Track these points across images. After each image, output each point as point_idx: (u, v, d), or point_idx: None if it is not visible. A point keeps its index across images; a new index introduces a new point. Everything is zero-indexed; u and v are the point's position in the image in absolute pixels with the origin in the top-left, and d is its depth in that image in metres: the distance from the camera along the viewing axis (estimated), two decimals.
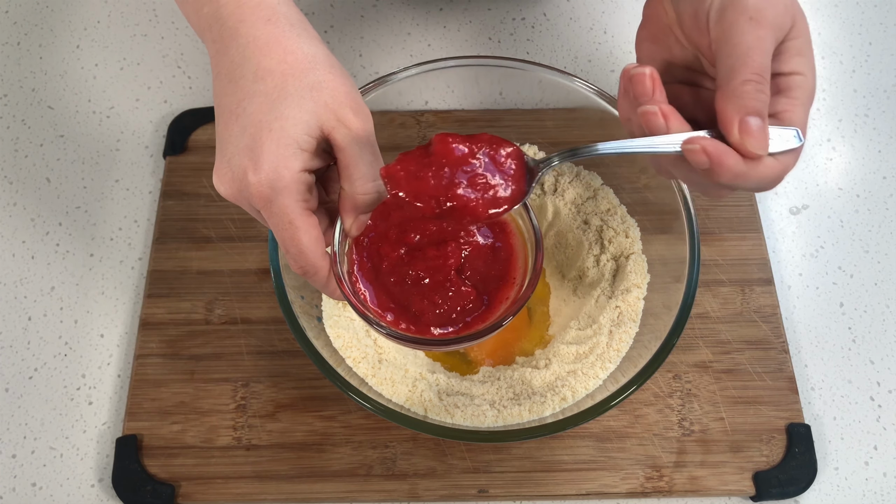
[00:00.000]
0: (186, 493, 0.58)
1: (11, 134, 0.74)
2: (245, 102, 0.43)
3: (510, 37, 0.79)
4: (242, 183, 0.43)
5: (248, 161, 0.42)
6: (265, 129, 0.42)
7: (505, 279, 0.49)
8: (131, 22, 0.80)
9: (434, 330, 0.47)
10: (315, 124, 0.43)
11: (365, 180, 0.44)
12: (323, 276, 0.45)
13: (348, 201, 0.45)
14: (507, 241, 0.50)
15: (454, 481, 0.58)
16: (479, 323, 0.47)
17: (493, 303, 0.48)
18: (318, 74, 0.44)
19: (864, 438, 0.61)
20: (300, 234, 0.43)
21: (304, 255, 0.44)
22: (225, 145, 0.44)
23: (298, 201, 0.43)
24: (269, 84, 0.43)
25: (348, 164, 0.44)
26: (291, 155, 0.42)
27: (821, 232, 0.69)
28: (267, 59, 0.43)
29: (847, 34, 0.80)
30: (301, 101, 0.43)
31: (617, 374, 0.56)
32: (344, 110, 0.43)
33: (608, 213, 0.64)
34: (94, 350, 0.64)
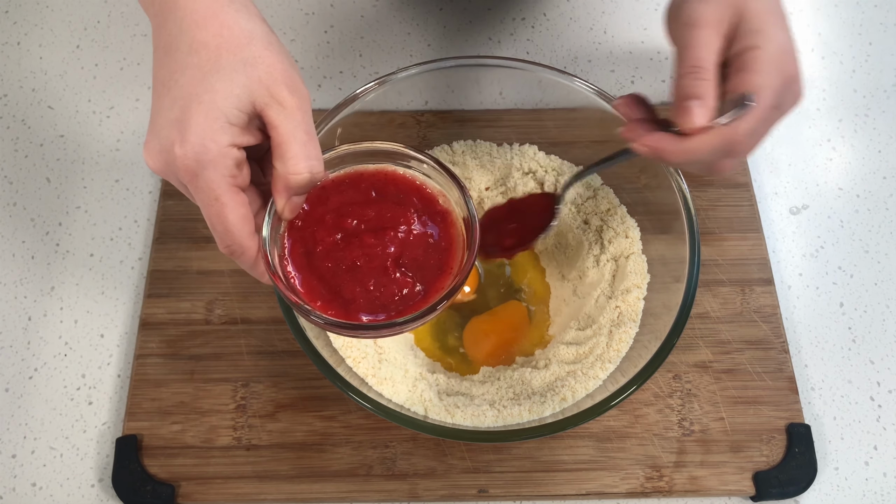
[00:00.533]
0: (186, 493, 0.58)
1: (11, 134, 0.74)
2: (177, 75, 0.43)
3: (510, 37, 0.79)
4: (169, 155, 0.42)
5: (176, 133, 0.42)
6: (195, 101, 0.42)
7: (442, 269, 0.48)
8: (131, 22, 0.80)
9: (364, 317, 0.46)
10: (246, 99, 0.42)
11: (297, 160, 0.43)
12: (250, 257, 0.45)
13: (280, 181, 0.44)
14: (448, 232, 0.49)
15: (454, 481, 0.58)
16: (413, 311, 0.46)
17: (430, 292, 0.47)
18: (254, 50, 0.43)
19: (864, 438, 0.61)
20: (226, 211, 0.42)
21: (231, 234, 0.43)
22: (155, 117, 0.43)
23: (225, 176, 0.42)
24: (202, 57, 0.43)
25: (281, 143, 0.43)
26: (219, 128, 0.42)
27: (821, 232, 0.69)
28: (203, 32, 0.43)
29: (847, 34, 0.80)
30: (233, 75, 0.42)
31: (617, 375, 0.56)
32: (278, 87, 0.43)
33: (608, 213, 0.64)
34: (94, 350, 0.64)
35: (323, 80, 0.77)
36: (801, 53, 0.79)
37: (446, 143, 0.68)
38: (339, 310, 0.46)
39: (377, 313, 0.46)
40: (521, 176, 0.66)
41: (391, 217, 0.48)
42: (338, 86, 0.77)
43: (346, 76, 0.77)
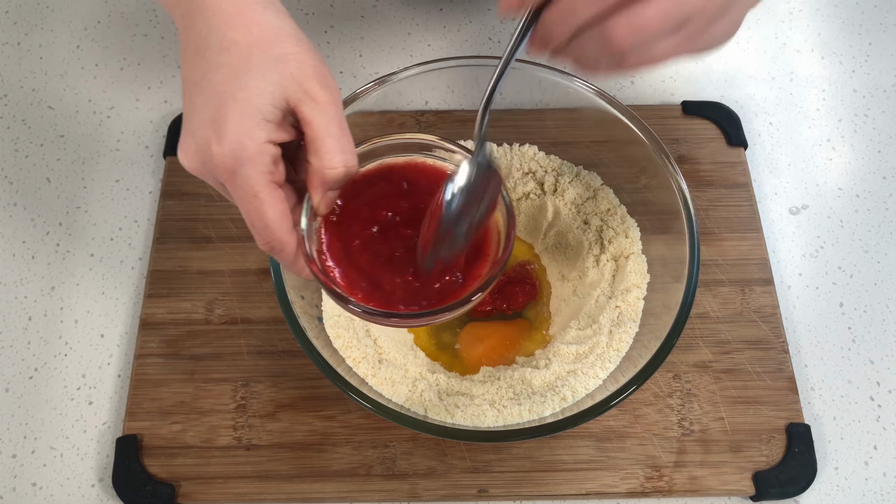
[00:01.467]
0: (186, 493, 0.58)
1: (11, 134, 0.74)
2: (210, 74, 0.43)
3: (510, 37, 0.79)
4: (206, 154, 0.42)
5: (212, 132, 0.42)
6: (229, 99, 0.42)
7: (479, 256, 0.48)
8: (131, 22, 0.80)
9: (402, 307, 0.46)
10: (280, 95, 0.42)
11: (332, 154, 0.43)
12: (290, 253, 0.45)
13: (316, 176, 0.44)
14: None
15: (454, 481, 0.58)
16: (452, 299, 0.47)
17: (468, 280, 0.48)
18: (285, 47, 0.43)
19: (864, 438, 0.61)
20: (265, 207, 0.42)
21: (270, 230, 0.43)
22: (189, 118, 0.43)
23: (263, 173, 0.42)
24: (234, 55, 0.42)
25: (315, 138, 0.43)
26: (255, 125, 0.42)
27: (821, 232, 0.69)
28: (233, 30, 0.43)
29: (847, 34, 0.80)
30: (266, 72, 0.42)
31: (617, 374, 0.56)
32: (311, 83, 0.43)
33: (608, 213, 0.64)
34: (94, 350, 0.64)
35: None
36: (801, 53, 0.79)
37: None
38: (378, 301, 0.47)
39: (417, 303, 0.47)
40: (521, 176, 0.66)
41: (425, 207, 0.48)
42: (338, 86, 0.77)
43: (346, 76, 0.77)
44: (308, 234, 0.46)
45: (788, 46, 0.79)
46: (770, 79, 0.77)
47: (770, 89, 0.77)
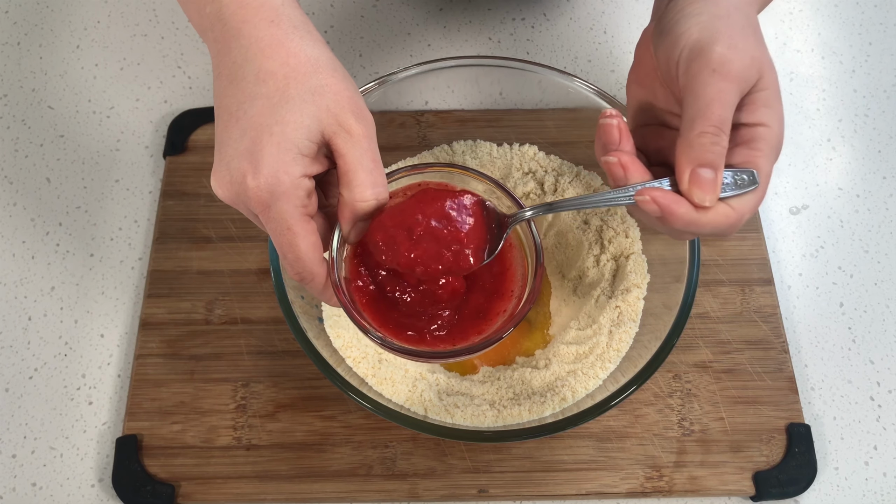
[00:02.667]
0: (186, 493, 0.58)
1: (11, 134, 0.74)
2: (246, 105, 0.43)
3: (510, 37, 0.79)
4: (241, 187, 0.42)
5: (248, 165, 0.42)
6: (266, 132, 0.42)
7: (500, 292, 0.49)
8: (131, 22, 0.80)
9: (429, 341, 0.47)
10: (316, 129, 0.42)
11: (364, 188, 0.43)
12: (320, 283, 0.45)
13: (347, 208, 0.44)
14: (504, 255, 0.49)
15: (454, 481, 0.58)
16: (474, 335, 0.47)
17: (490, 315, 0.48)
18: (321, 78, 0.43)
19: (864, 438, 0.61)
20: (298, 240, 0.43)
21: (302, 262, 0.43)
22: (224, 147, 0.43)
23: (297, 207, 0.42)
24: (270, 86, 0.43)
25: (348, 171, 0.43)
26: (292, 160, 0.42)
27: (821, 232, 0.69)
28: (269, 61, 0.43)
29: (847, 34, 0.80)
30: (303, 105, 0.42)
31: (617, 374, 0.56)
32: (346, 115, 0.43)
33: (608, 213, 0.64)
34: (94, 350, 0.64)
35: None
36: (801, 53, 0.79)
37: (446, 143, 0.68)
38: (402, 334, 0.47)
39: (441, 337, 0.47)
40: (521, 176, 0.66)
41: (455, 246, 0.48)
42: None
43: None
44: (337, 263, 0.46)
45: (788, 46, 0.79)
46: None
47: None
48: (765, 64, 0.44)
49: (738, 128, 0.44)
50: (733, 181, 0.43)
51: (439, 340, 0.47)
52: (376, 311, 0.47)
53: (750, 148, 0.43)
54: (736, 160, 0.43)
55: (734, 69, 0.42)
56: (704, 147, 0.42)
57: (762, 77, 0.43)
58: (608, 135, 0.45)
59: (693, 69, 0.43)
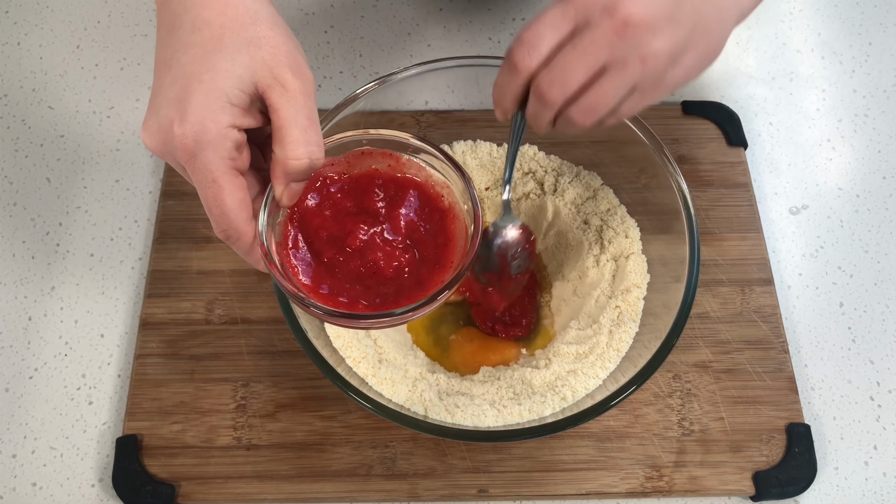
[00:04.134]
0: (186, 493, 0.58)
1: (11, 134, 0.74)
2: (179, 53, 0.42)
3: (510, 37, 0.79)
4: (168, 135, 0.41)
5: (175, 112, 0.41)
6: (195, 80, 0.41)
7: (441, 263, 0.48)
8: (131, 22, 0.80)
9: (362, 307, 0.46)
10: (249, 79, 0.41)
11: (296, 145, 0.42)
12: (246, 243, 0.44)
13: (279, 166, 0.43)
14: (448, 227, 0.49)
15: (454, 481, 0.58)
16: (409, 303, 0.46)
17: (428, 285, 0.47)
18: (259, 30, 0.42)
19: (864, 438, 0.61)
20: (223, 194, 0.42)
21: (227, 217, 0.42)
22: (155, 96, 0.42)
23: (224, 158, 0.41)
24: (205, 35, 0.42)
25: (281, 127, 0.42)
26: (220, 108, 0.41)
27: (821, 232, 0.69)
28: (207, 10, 0.42)
29: (847, 34, 0.80)
30: (236, 55, 0.41)
31: (617, 374, 0.56)
32: (282, 69, 0.42)
33: (608, 213, 0.64)
34: (94, 350, 0.64)
35: (323, 80, 0.77)
36: (801, 53, 0.79)
37: (446, 143, 0.68)
38: (336, 301, 0.46)
39: (376, 306, 0.46)
40: (521, 176, 0.66)
41: (390, 213, 0.48)
42: (338, 86, 0.77)
43: (346, 76, 0.77)
44: (271, 226, 0.45)
45: (788, 46, 0.79)
46: (770, 79, 0.77)
47: (770, 89, 0.77)
48: None
49: None
50: None
51: (373, 308, 0.46)
52: (309, 278, 0.46)
53: None
54: None
55: None
56: None
57: None
58: None
59: None
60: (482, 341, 0.62)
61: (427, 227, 0.49)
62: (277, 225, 0.46)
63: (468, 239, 0.48)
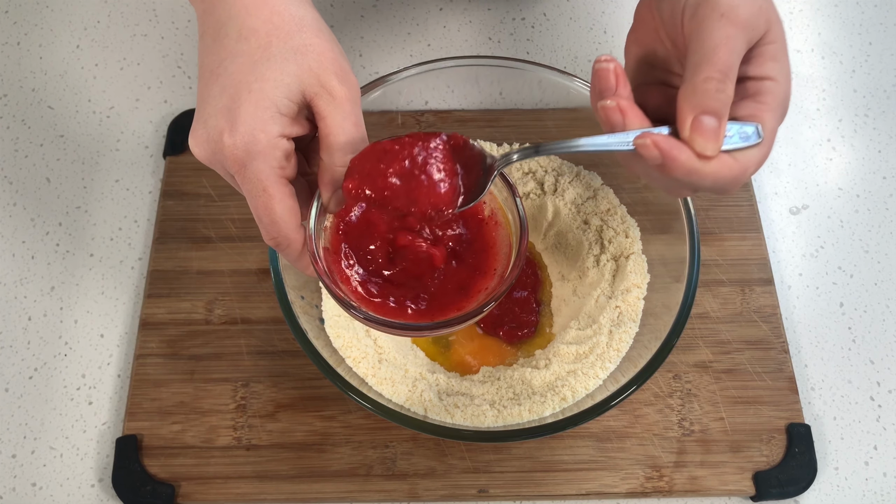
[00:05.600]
0: (186, 493, 0.58)
1: (11, 134, 0.74)
2: (227, 62, 0.42)
3: (510, 37, 0.79)
4: (217, 145, 0.41)
5: (225, 122, 0.41)
6: (244, 89, 0.41)
7: (483, 270, 0.48)
8: (131, 22, 0.80)
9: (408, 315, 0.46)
10: (297, 88, 0.41)
11: (344, 152, 0.42)
12: (296, 250, 0.44)
13: (327, 173, 0.43)
14: (487, 233, 0.49)
15: (454, 481, 0.58)
16: (454, 312, 0.46)
17: (471, 292, 0.47)
18: (305, 37, 0.42)
19: (864, 438, 0.61)
20: (273, 203, 0.42)
21: (277, 225, 0.42)
22: (203, 105, 0.42)
23: (274, 167, 0.41)
24: (252, 44, 0.42)
25: (328, 134, 0.42)
26: (270, 118, 0.41)
27: (821, 232, 0.69)
28: (252, 18, 0.42)
29: (847, 34, 0.80)
30: (284, 64, 0.41)
31: (617, 374, 0.56)
32: (328, 76, 0.42)
33: (608, 213, 0.64)
34: (94, 350, 0.64)
35: None
36: (801, 53, 0.79)
37: None
38: (382, 307, 0.46)
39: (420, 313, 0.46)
40: (521, 176, 0.66)
41: None
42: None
43: None
44: (317, 232, 0.45)
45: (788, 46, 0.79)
46: None
47: None
48: (773, 16, 0.43)
49: (745, 81, 0.42)
50: (737, 134, 0.41)
51: (418, 315, 0.46)
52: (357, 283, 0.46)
53: (756, 101, 0.42)
54: (741, 113, 0.42)
55: (742, 15, 0.41)
56: (709, 93, 0.40)
57: (770, 30, 0.42)
58: (604, 80, 0.43)
59: (700, 14, 0.42)
60: (482, 341, 0.62)
61: (465, 234, 0.49)
62: (324, 230, 0.47)
63: (511, 246, 0.48)
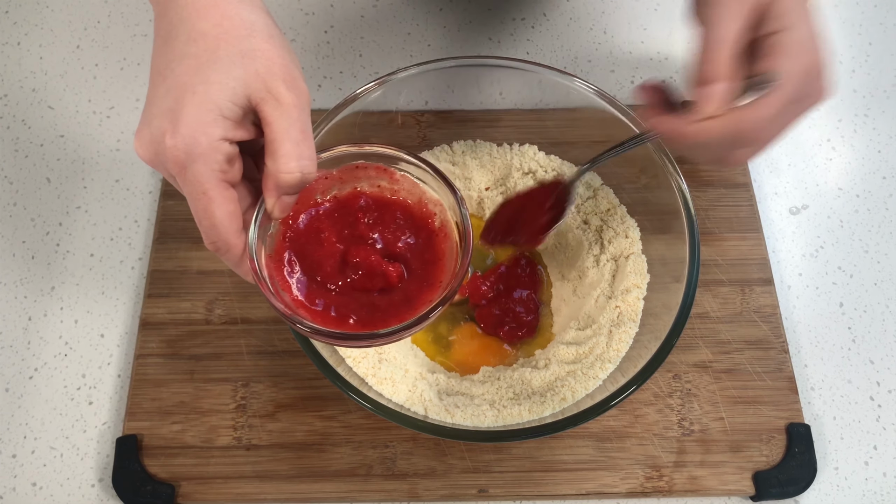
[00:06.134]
0: (186, 493, 0.58)
1: (11, 134, 0.74)
2: (174, 64, 0.42)
3: (510, 37, 0.79)
4: (160, 146, 0.41)
5: (168, 123, 0.41)
6: (189, 91, 0.41)
7: (430, 282, 0.48)
8: (131, 22, 0.80)
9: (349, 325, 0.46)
10: (242, 92, 0.41)
11: (288, 158, 0.42)
12: (235, 255, 0.44)
13: (271, 179, 0.43)
14: (439, 246, 0.49)
15: (454, 481, 0.58)
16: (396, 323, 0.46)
17: (416, 304, 0.47)
18: (254, 42, 0.42)
19: (864, 438, 0.61)
20: (213, 206, 0.42)
21: (216, 230, 0.42)
22: (149, 106, 0.43)
23: (215, 171, 0.41)
24: (200, 46, 0.42)
25: (274, 140, 0.42)
26: (212, 121, 0.41)
27: (821, 232, 0.69)
28: (203, 21, 0.42)
29: (847, 34, 0.80)
30: (230, 67, 0.41)
31: (617, 375, 0.56)
32: (276, 82, 0.42)
33: (608, 213, 0.64)
34: (94, 350, 0.64)
35: (323, 80, 0.77)
36: None
37: (446, 144, 0.68)
38: (324, 317, 0.46)
39: (363, 323, 0.46)
40: (521, 176, 0.66)
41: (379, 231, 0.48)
42: (338, 86, 0.77)
43: (346, 76, 0.77)
44: (259, 237, 0.45)
45: None
46: None
47: None
48: None
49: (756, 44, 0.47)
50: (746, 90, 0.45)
51: (359, 325, 0.46)
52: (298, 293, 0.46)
53: (766, 55, 0.45)
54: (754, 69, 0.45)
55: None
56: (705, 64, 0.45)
57: None
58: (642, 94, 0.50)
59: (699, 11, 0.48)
60: (482, 341, 0.62)
61: (415, 246, 0.49)
62: (269, 237, 0.47)
63: (458, 258, 0.48)
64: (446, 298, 0.46)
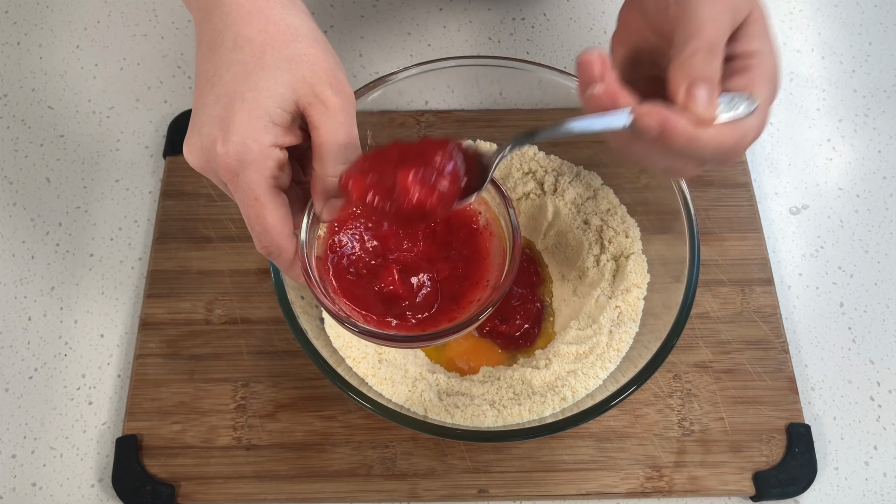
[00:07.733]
0: (186, 493, 0.58)
1: (11, 134, 0.74)
2: (221, 71, 0.42)
3: (510, 37, 0.79)
4: (210, 153, 0.42)
5: (218, 131, 0.41)
6: (238, 98, 0.41)
7: (475, 280, 0.48)
8: (131, 22, 0.80)
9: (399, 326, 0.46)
10: (290, 98, 0.42)
11: (336, 162, 0.42)
12: (287, 259, 0.44)
13: (319, 183, 0.43)
14: (481, 243, 0.49)
15: (454, 481, 0.58)
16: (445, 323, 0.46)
17: (462, 302, 0.47)
18: (300, 47, 0.42)
19: (864, 438, 0.61)
20: (265, 212, 0.42)
21: (269, 234, 0.43)
22: (198, 114, 0.43)
23: (266, 177, 0.42)
24: (247, 53, 0.42)
25: (321, 144, 0.42)
26: (262, 128, 0.41)
27: (821, 232, 0.69)
28: (248, 27, 0.42)
29: (847, 34, 0.80)
30: (277, 73, 0.41)
31: (617, 374, 0.56)
32: (322, 86, 0.42)
33: (608, 213, 0.64)
34: (94, 350, 0.64)
35: None
36: (801, 53, 0.79)
37: None
38: (373, 318, 0.46)
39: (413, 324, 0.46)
40: (521, 176, 0.66)
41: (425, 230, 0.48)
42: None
43: None
44: (309, 240, 0.45)
45: (788, 46, 0.79)
46: None
47: None
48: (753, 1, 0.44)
49: (733, 59, 0.44)
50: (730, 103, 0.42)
51: (409, 327, 0.46)
52: (346, 296, 0.46)
53: (746, 74, 0.43)
54: (733, 86, 0.43)
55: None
56: (698, 65, 0.42)
57: (752, 11, 0.44)
58: (589, 70, 0.43)
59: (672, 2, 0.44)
60: (482, 340, 0.62)
61: (461, 245, 0.49)
62: (318, 240, 0.47)
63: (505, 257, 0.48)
64: (496, 300, 0.45)
